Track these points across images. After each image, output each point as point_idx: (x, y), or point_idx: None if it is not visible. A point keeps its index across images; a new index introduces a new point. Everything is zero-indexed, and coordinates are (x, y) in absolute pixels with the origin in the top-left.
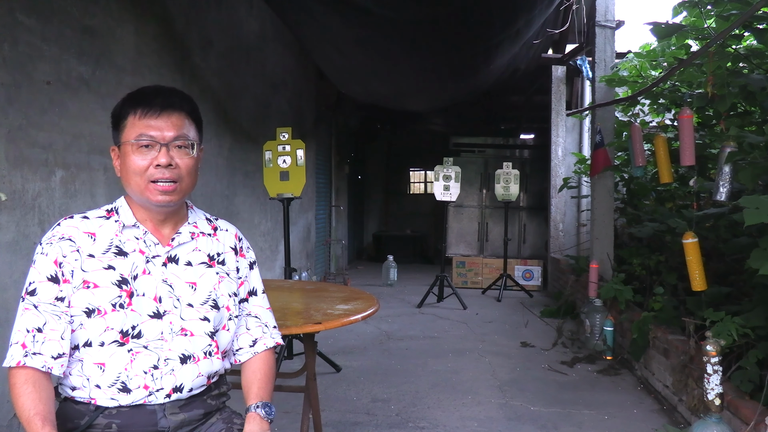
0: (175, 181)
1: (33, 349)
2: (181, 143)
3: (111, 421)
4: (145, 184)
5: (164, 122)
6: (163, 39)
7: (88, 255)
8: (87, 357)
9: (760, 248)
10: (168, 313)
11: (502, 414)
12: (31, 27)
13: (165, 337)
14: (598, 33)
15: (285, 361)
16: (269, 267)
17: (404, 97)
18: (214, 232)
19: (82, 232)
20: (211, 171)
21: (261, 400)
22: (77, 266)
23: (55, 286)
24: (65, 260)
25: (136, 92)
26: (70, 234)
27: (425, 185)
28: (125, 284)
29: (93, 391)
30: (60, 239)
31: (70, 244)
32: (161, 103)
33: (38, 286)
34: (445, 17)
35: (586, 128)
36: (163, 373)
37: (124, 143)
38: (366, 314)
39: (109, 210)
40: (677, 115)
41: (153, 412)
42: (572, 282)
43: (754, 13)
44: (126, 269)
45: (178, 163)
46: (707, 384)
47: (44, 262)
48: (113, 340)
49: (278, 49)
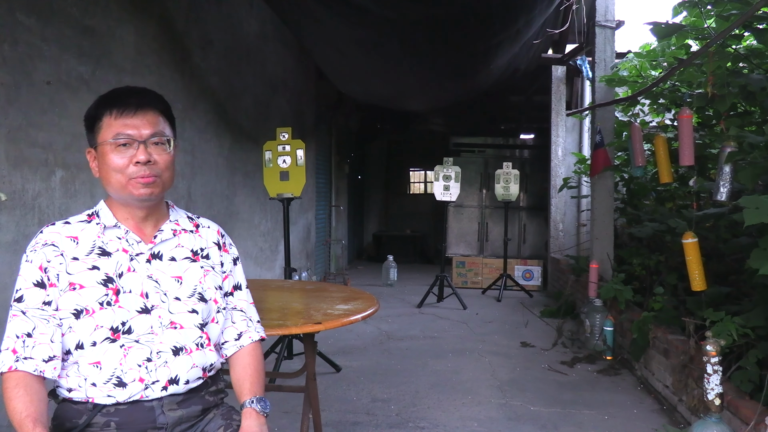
0: (155, 176)
1: (24, 353)
2: (158, 140)
3: (109, 419)
4: (126, 180)
5: (140, 120)
6: (163, 39)
7: (72, 258)
8: (81, 359)
9: (760, 248)
10: (156, 308)
11: (502, 414)
12: (31, 27)
13: (155, 330)
14: (598, 33)
15: (285, 361)
16: (269, 267)
17: (404, 97)
18: (196, 228)
19: (65, 236)
20: (211, 171)
21: (255, 395)
22: (62, 270)
23: (42, 291)
24: (49, 265)
25: (108, 94)
26: (53, 240)
27: (425, 185)
28: (111, 282)
29: (90, 390)
30: (43, 245)
31: (54, 249)
32: (136, 102)
33: (25, 293)
34: (445, 17)
35: (586, 128)
36: (157, 365)
37: (101, 144)
38: (366, 314)
39: (89, 214)
40: (677, 115)
41: (151, 408)
42: (572, 282)
43: (754, 13)
44: (110, 268)
45: (156, 159)
46: (707, 384)
47: (29, 269)
48: (105, 337)
49: (278, 49)
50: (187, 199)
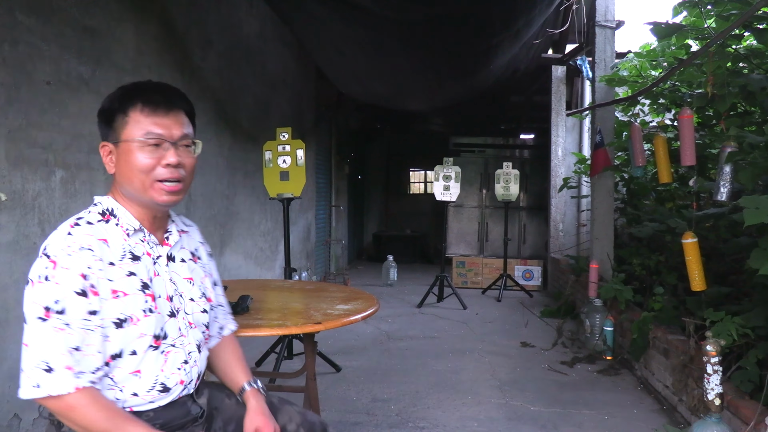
0: (180, 181)
1: (77, 368)
2: (188, 142)
3: (153, 422)
4: (150, 182)
5: (171, 120)
6: (163, 39)
7: (109, 263)
8: (118, 369)
9: (760, 248)
10: (179, 310)
11: (502, 414)
12: (31, 27)
13: (183, 332)
14: (598, 33)
15: (285, 361)
16: (269, 267)
17: (404, 97)
18: (187, 228)
19: (97, 239)
20: (211, 171)
21: (249, 378)
22: (103, 276)
23: (85, 299)
24: (90, 271)
25: (132, 87)
26: (89, 243)
27: (425, 185)
28: (147, 288)
29: (129, 401)
30: (80, 249)
31: (92, 254)
32: (168, 101)
33: (67, 304)
34: (445, 17)
35: (586, 128)
36: (191, 365)
37: (126, 141)
38: (366, 314)
39: (102, 212)
40: (677, 115)
41: (183, 402)
42: (572, 282)
43: (754, 13)
44: (143, 273)
45: (184, 162)
46: (707, 384)
47: (67, 277)
48: (148, 345)
49: (278, 49)
50: (187, 199)
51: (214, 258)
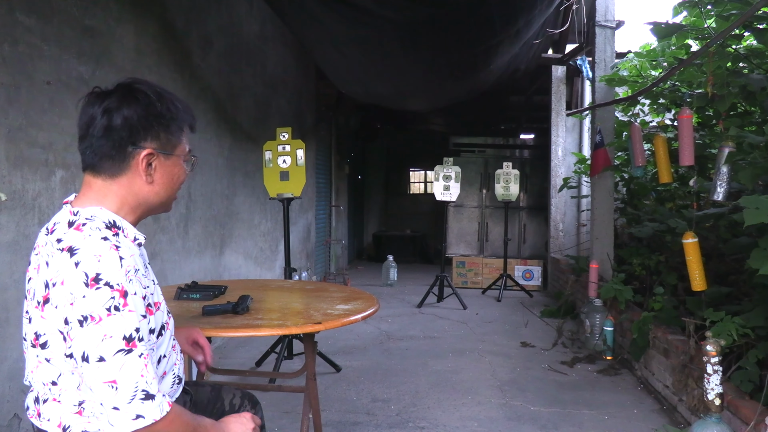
0: None
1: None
2: None
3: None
4: (174, 197)
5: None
6: (163, 39)
7: (144, 276)
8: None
9: (760, 248)
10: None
11: (502, 414)
12: (31, 27)
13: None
14: (598, 33)
15: (285, 361)
16: (269, 267)
17: (404, 97)
18: None
19: (136, 257)
20: (211, 171)
21: None
22: (148, 293)
23: (146, 320)
24: (146, 291)
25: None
26: (134, 264)
27: (425, 185)
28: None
29: None
30: (136, 272)
31: (142, 275)
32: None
33: (143, 329)
34: (445, 17)
35: (586, 128)
36: (179, 351)
37: (179, 155)
38: (366, 314)
39: (108, 226)
40: (677, 115)
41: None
42: (572, 282)
43: (754, 13)
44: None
45: None
46: (707, 384)
47: (136, 302)
48: (171, 346)
49: (278, 49)
50: (187, 199)
51: (215, 258)
